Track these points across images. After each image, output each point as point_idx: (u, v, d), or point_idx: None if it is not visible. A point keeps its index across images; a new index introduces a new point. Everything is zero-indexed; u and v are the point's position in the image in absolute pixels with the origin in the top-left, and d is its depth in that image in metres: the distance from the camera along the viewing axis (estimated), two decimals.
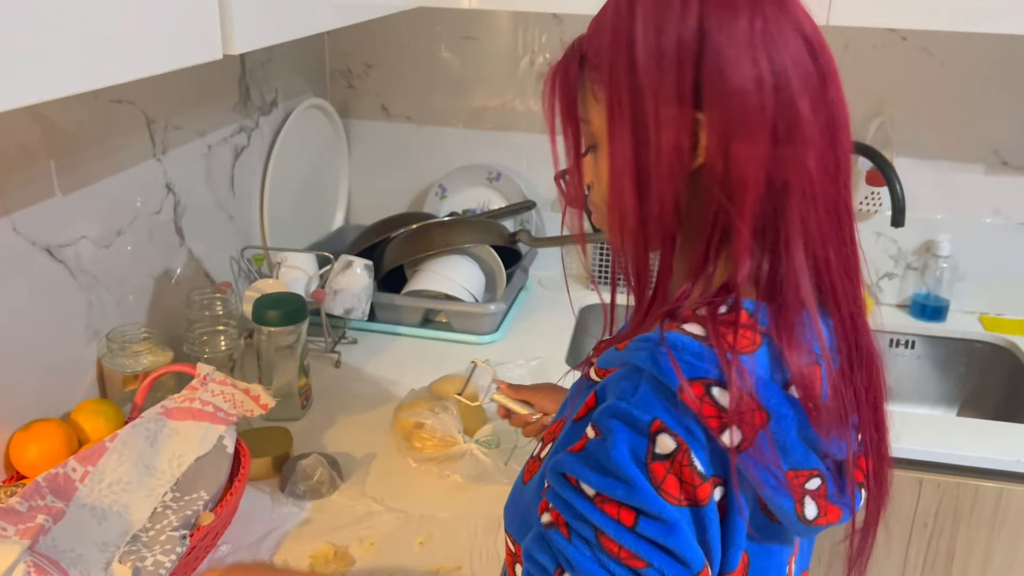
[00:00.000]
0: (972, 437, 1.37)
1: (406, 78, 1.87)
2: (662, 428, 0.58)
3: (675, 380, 0.59)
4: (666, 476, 0.58)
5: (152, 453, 1.05)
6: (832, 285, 0.64)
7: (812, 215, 0.62)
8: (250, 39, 0.86)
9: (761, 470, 0.59)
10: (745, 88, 0.60)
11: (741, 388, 0.58)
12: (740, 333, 0.61)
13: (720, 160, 0.61)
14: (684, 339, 0.61)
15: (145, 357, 1.19)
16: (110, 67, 0.69)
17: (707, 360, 0.59)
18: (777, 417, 0.59)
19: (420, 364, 1.50)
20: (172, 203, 1.34)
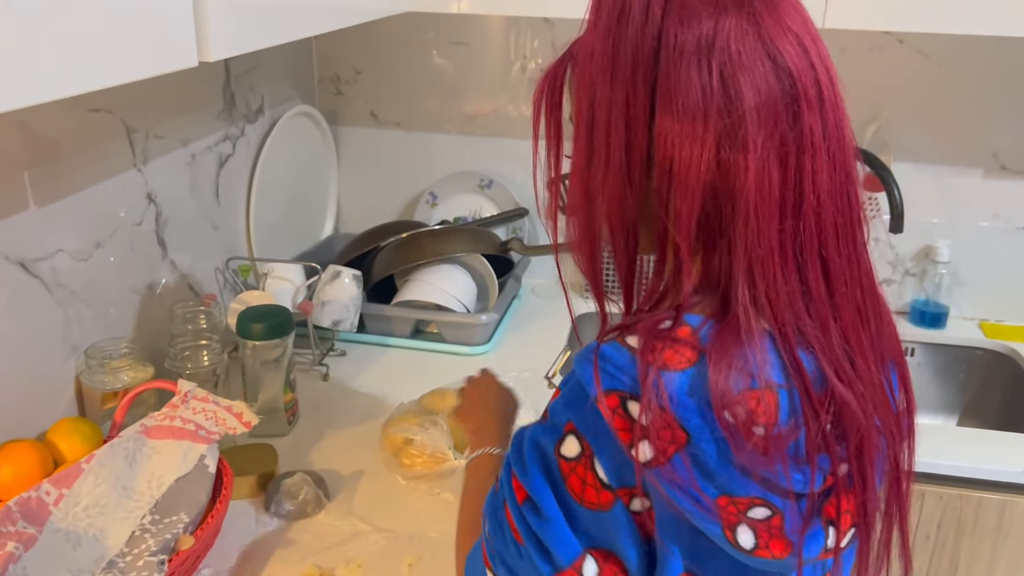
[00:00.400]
0: (975, 448, 1.34)
1: (396, 84, 1.84)
2: (572, 431, 0.61)
3: (592, 390, 0.59)
4: (570, 475, 0.61)
5: (130, 474, 1.02)
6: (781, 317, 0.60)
7: (759, 239, 0.59)
8: (227, 46, 0.83)
9: (676, 491, 0.57)
10: (693, 102, 0.58)
11: (654, 403, 0.56)
12: (675, 349, 0.58)
13: (665, 177, 0.60)
14: (615, 350, 0.60)
15: (125, 373, 1.16)
16: (82, 75, 0.66)
17: (626, 373, 0.59)
18: (698, 439, 0.57)
19: (411, 376, 1.47)
20: (154, 214, 1.30)
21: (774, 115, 0.58)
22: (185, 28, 0.78)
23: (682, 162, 0.59)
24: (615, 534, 0.61)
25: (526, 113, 1.82)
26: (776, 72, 0.59)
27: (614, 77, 0.60)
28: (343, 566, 1.02)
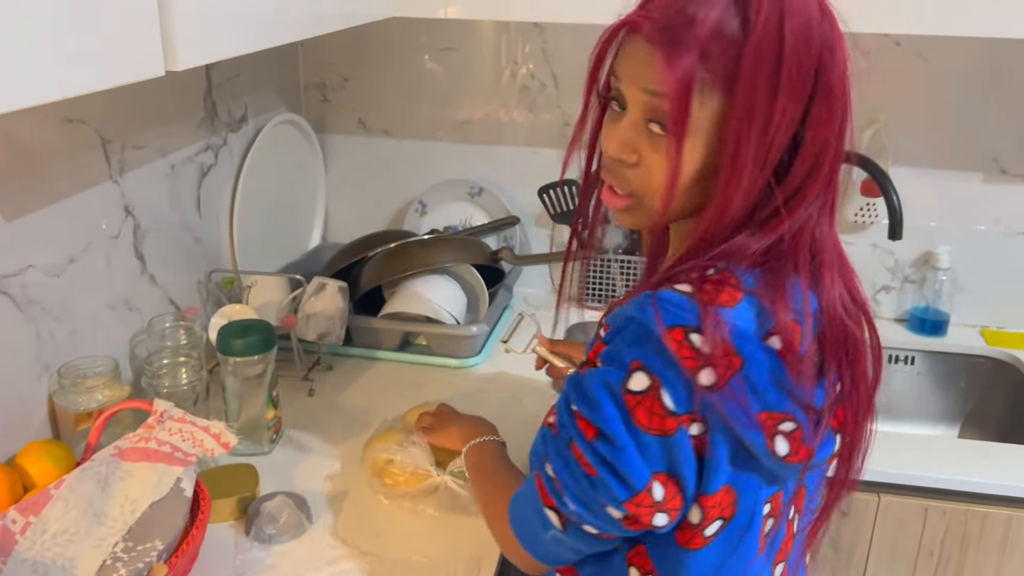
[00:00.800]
0: (979, 461, 1.31)
1: (384, 91, 1.81)
2: (640, 367, 0.68)
3: (655, 327, 0.68)
4: (637, 407, 0.68)
5: (102, 499, 0.98)
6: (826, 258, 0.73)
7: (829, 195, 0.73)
8: (195, 55, 0.79)
9: (733, 408, 0.67)
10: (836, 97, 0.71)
11: (715, 334, 0.66)
12: (725, 290, 0.69)
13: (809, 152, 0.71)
14: (671, 294, 0.69)
15: (100, 392, 1.12)
16: (43, 84, 0.63)
17: (686, 310, 0.68)
18: (750, 363, 0.67)
19: (399, 389, 1.43)
20: (132, 226, 1.26)
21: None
22: (151, 36, 0.75)
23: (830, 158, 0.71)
24: (676, 457, 0.69)
25: (517, 119, 1.78)
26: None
27: (801, 72, 0.68)
28: None
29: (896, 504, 1.31)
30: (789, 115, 0.68)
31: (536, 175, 1.77)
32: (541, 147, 1.80)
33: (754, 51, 0.66)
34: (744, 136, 0.67)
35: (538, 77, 1.75)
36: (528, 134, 1.79)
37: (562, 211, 1.74)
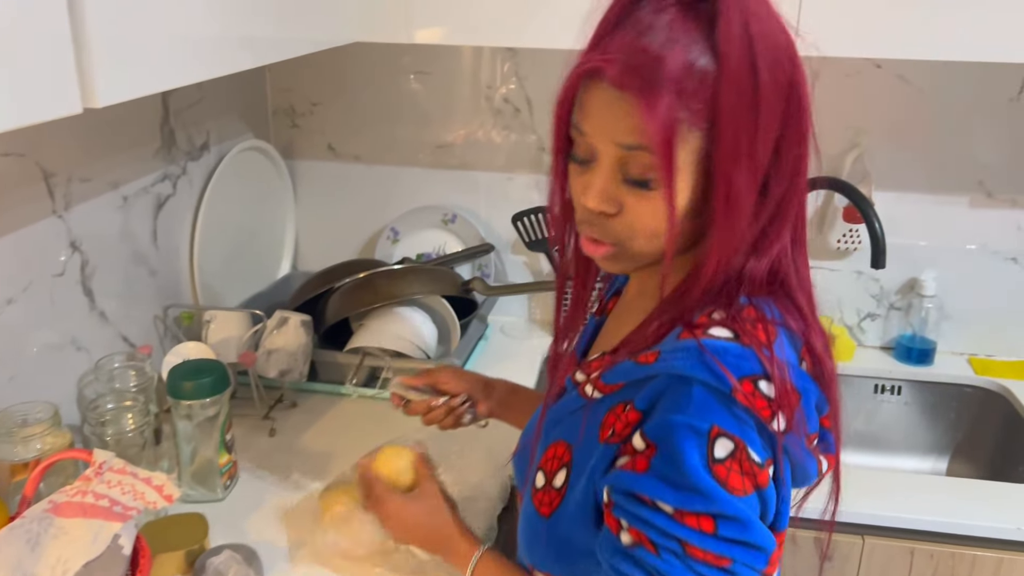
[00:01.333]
0: (967, 501, 1.25)
1: (354, 116, 1.76)
2: (720, 433, 0.65)
3: (728, 382, 0.65)
4: (729, 474, 0.65)
5: (32, 559, 0.91)
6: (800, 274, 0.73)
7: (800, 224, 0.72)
8: (117, 90, 0.73)
9: (795, 441, 0.67)
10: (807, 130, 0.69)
11: (781, 378, 0.65)
12: (763, 327, 0.67)
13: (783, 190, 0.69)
14: (721, 344, 0.67)
15: (39, 441, 1.06)
16: None
17: (748, 359, 0.66)
18: (805, 395, 0.68)
19: (366, 427, 1.37)
20: (79, 263, 1.21)
21: None
22: (66, 73, 0.69)
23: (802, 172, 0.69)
24: (768, 504, 0.68)
25: (491, 144, 1.73)
26: None
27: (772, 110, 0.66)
28: None
29: (881, 547, 1.25)
30: (771, 138, 0.66)
31: (511, 201, 1.73)
32: (516, 172, 1.75)
33: (730, 82, 0.63)
34: (734, 169, 0.65)
35: (512, 101, 1.70)
36: (503, 159, 1.74)
37: (537, 238, 1.69)
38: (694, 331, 0.68)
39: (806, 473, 0.72)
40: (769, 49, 0.65)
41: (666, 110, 0.63)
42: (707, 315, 0.69)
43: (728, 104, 0.64)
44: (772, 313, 0.69)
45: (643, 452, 0.67)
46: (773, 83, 0.65)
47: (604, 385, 0.73)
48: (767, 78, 0.64)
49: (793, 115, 0.67)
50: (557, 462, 0.76)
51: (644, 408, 0.69)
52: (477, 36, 1.38)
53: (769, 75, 0.64)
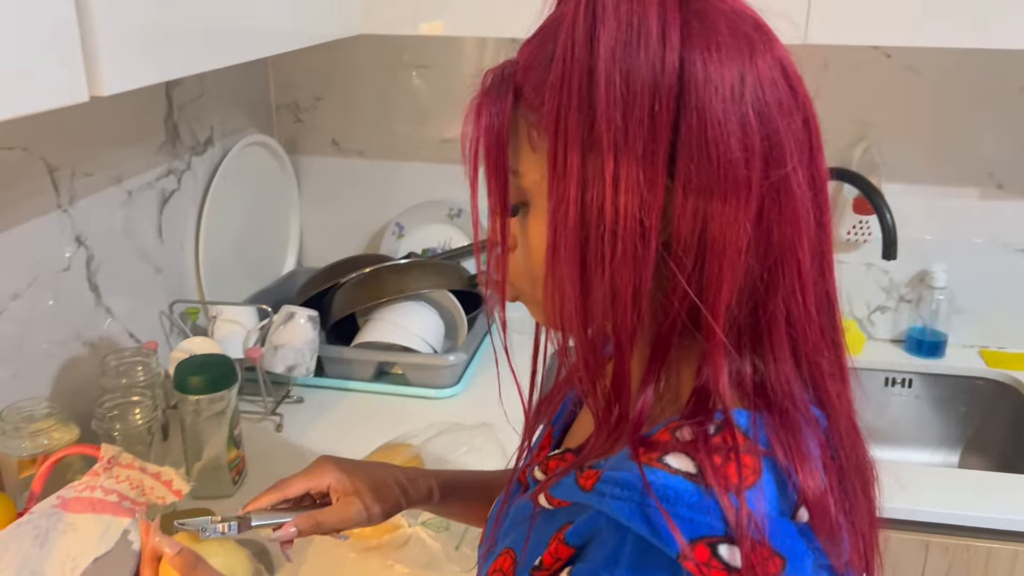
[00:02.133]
0: (981, 494, 1.24)
1: (358, 111, 1.75)
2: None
3: (674, 546, 0.47)
4: None
5: (40, 556, 0.90)
6: (825, 389, 0.54)
7: (800, 311, 0.52)
8: (123, 79, 0.73)
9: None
10: (732, 157, 0.48)
11: (754, 541, 0.47)
12: (737, 461, 0.48)
13: (692, 242, 0.49)
14: (674, 484, 0.48)
15: (46, 437, 1.05)
16: None
17: (708, 512, 0.48)
18: (793, 559, 0.48)
19: (373, 422, 1.36)
20: (84, 258, 1.20)
21: (808, 169, 0.51)
22: (73, 60, 0.68)
23: (720, 229, 0.49)
24: None
25: None
26: (803, 117, 0.51)
27: (627, 116, 0.48)
28: None
29: (895, 540, 1.24)
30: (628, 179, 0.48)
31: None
32: None
33: (556, 77, 0.50)
34: (560, 197, 0.50)
35: None
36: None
37: None
38: (645, 454, 0.50)
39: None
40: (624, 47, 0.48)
41: (489, 115, 0.54)
42: (670, 430, 0.51)
43: (551, 103, 0.50)
44: (755, 436, 0.51)
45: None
46: (624, 91, 0.48)
47: (551, 498, 0.58)
48: (610, 81, 0.48)
49: (690, 147, 0.48)
50: (499, 573, 0.63)
51: (577, 544, 0.54)
52: (481, 27, 1.37)
53: (615, 78, 0.48)
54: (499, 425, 1.28)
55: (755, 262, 0.50)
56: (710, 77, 0.48)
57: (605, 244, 0.49)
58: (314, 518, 0.81)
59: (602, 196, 0.48)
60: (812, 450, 0.51)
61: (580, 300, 0.51)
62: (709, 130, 0.47)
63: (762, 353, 0.52)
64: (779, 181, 0.49)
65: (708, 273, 0.49)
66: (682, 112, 0.47)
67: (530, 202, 0.55)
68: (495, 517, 0.72)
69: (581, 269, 0.50)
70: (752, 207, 0.49)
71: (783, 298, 0.51)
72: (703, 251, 0.49)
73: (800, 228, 0.51)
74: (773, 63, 0.50)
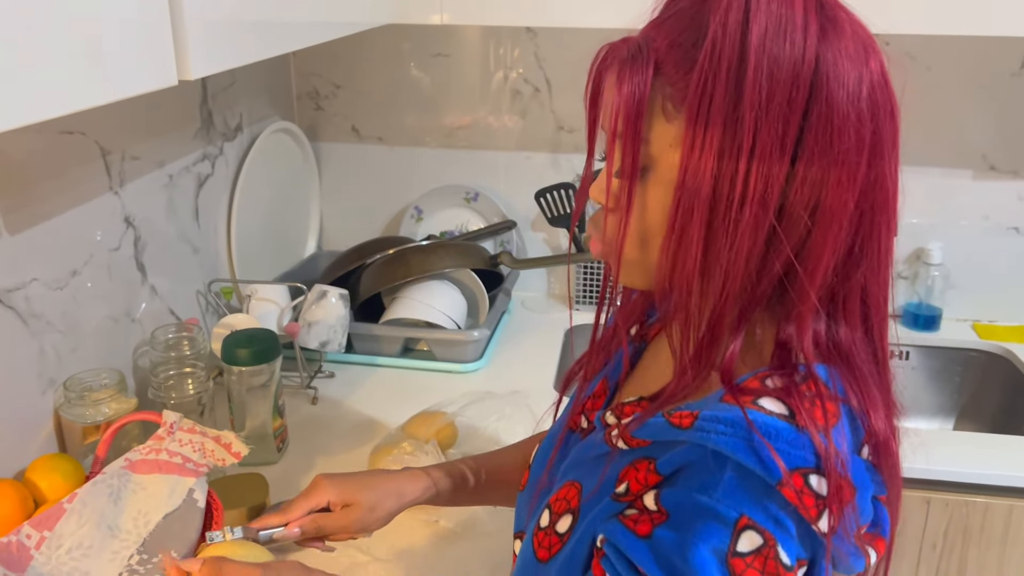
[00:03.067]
0: (979, 453, 1.32)
1: (376, 98, 1.81)
2: (749, 524, 0.55)
3: (778, 473, 0.55)
4: (746, 570, 0.55)
5: (115, 512, 0.97)
6: (884, 354, 0.63)
7: (876, 287, 0.61)
8: (207, 64, 0.79)
9: (842, 542, 0.57)
10: (848, 149, 0.56)
11: (839, 475, 0.55)
12: (821, 406, 0.57)
13: (803, 214, 0.57)
14: (775, 423, 0.56)
15: (107, 405, 1.11)
16: (58, 96, 0.62)
17: (803, 447, 0.56)
18: (861, 489, 0.57)
19: (401, 396, 1.43)
20: (132, 238, 1.26)
21: (895, 161, 0.60)
22: (164, 46, 0.74)
23: (830, 205, 0.56)
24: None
25: (509, 124, 1.79)
26: (892, 111, 0.59)
27: (770, 99, 0.54)
28: None
29: None
30: (761, 159, 0.55)
31: (531, 179, 1.78)
32: (535, 151, 1.80)
33: (706, 57, 0.55)
34: (696, 168, 0.55)
35: (531, 81, 1.75)
36: (521, 138, 1.80)
37: (559, 214, 1.75)
38: (740, 397, 0.57)
39: (849, 568, 0.62)
40: (773, 33, 0.54)
41: (637, 81, 0.57)
42: (759, 379, 0.59)
43: (697, 81, 0.55)
44: (834, 387, 0.58)
45: (651, 514, 0.59)
46: (769, 73, 0.54)
47: (631, 439, 0.63)
48: (759, 63, 0.54)
49: (818, 126, 0.55)
50: (565, 504, 0.68)
51: (667, 473, 0.60)
52: (503, 16, 1.43)
53: (764, 61, 0.54)
54: (528, 393, 1.36)
55: (849, 237, 0.58)
56: (839, 74, 0.55)
57: (733, 209, 0.56)
58: (317, 521, 0.89)
59: (735, 170, 0.55)
60: (878, 398, 0.60)
61: (702, 259, 0.57)
62: (835, 119, 0.55)
63: (838, 317, 0.60)
64: (878, 172, 0.58)
65: (813, 242, 0.57)
66: (813, 101, 0.55)
67: (651, 167, 0.59)
68: (541, 463, 0.79)
69: (706, 232, 0.57)
70: (856, 190, 0.57)
71: (864, 273, 0.60)
72: (812, 223, 0.57)
73: (888, 215, 0.59)
74: (880, 69, 0.58)
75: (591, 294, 1.82)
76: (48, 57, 0.61)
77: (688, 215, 0.57)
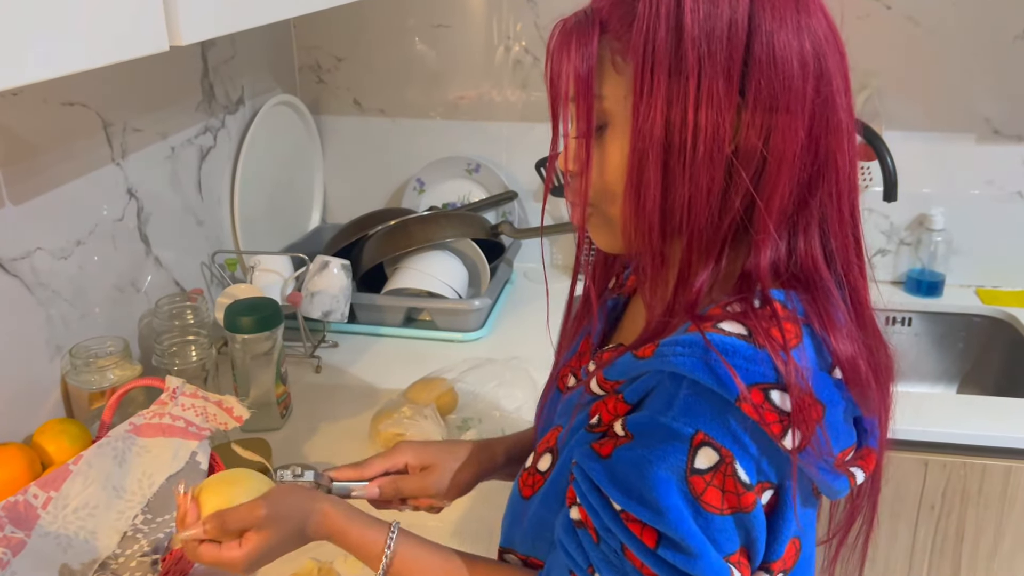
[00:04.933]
0: (977, 415, 1.33)
1: (378, 71, 1.81)
2: (705, 441, 0.57)
3: (734, 389, 0.56)
4: (706, 488, 0.57)
5: (120, 474, 0.99)
6: (850, 279, 0.63)
7: (833, 211, 0.62)
8: (199, 29, 0.80)
9: (814, 461, 0.58)
10: (792, 74, 0.57)
11: (799, 388, 0.56)
12: (782, 326, 0.58)
13: (757, 149, 0.58)
14: (732, 341, 0.57)
15: (112, 372, 1.13)
16: (43, 61, 0.63)
17: (761, 363, 0.57)
18: (831, 406, 0.58)
19: (404, 365, 1.44)
20: (135, 209, 1.28)
21: (846, 94, 0.61)
22: (154, 10, 0.75)
23: (780, 136, 0.58)
24: (750, 532, 0.60)
25: (511, 97, 1.79)
26: (839, 50, 0.61)
27: (709, 41, 0.56)
28: (342, 559, 0.99)
29: (896, 459, 1.33)
30: (709, 95, 0.57)
31: (532, 150, 1.79)
32: (536, 122, 1.81)
33: (645, 6, 0.57)
34: (647, 113, 0.57)
35: (531, 52, 1.75)
36: (523, 109, 1.80)
37: (560, 184, 1.76)
38: (701, 324, 0.59)
39: (832, 491, 0.63)
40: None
41: (579, 45, 0.60)
42: (721, 307, 0.60)
43: (639, 31, 0.57)
44: (793, 310, 0.60)
45: (616, 439, 0.61)
46: (707, 20, 0.56)
47: (605, 381, 0.65)
48: (695, 10, 0.57)
49: (759, 71, 0.57)
50: (545, 445, 0.72)
51: (634, 402, 0.62)
52: None
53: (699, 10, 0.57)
54: (528, 359, 1.37)
55: (804, 166, 0.59)
56: (776, 17, 0.57)
57: (687, 151, 0.57)
58: (395, 483, 0.87)
59: (684, 109, 0.57)
60: (841, 320, 0.60)
61: (661, 202, 0.59)
62: (776, 51, 0.57)
63: (797, 244, 0.61)
64: (827, 98, 0.59)
65: (768, 173, 0.59)
66: (753, 37, 0.57)
67: (609, 123, 0.61)
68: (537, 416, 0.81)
69: (663, 173, 0.58)
70: (806, 119, 0.58)
71: (821, 198, 0.61)
72: (765, 153, 0.58)
73: (841, 140, 0.60)
74: (822, 13, 0.60)
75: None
76: (35, 21, 0.62)
77: (644, 158, 0.58)
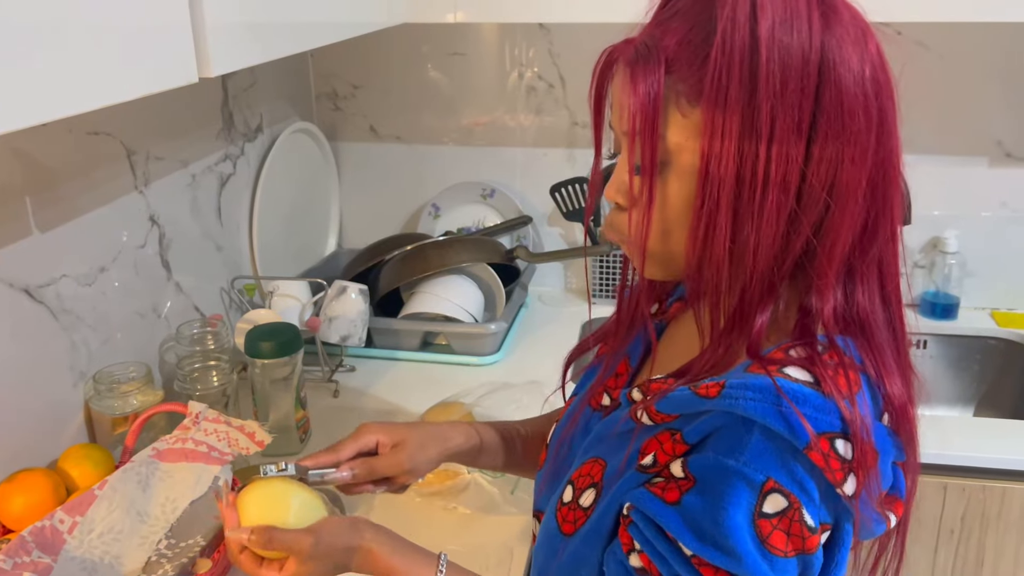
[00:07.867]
0: (996, 438, 1.33)
1: (393, 98, 1.84)
2: (775, 488, 0.58)
3: (805, 437, 0.57)
4: (772, 531, 0.58)
5: (144, 499, 1.00)
6: (900, 322, 0.66)
7: (890, 257, 0.64)
8: (227, 61, 0.82)
9: (866, 505, 0.60)
10: (859, 129, 0.59)
11: (863, 439, 0.58)
12: (844, 374, 0.59)
13: (821, 193, 0.59)
14: (802, 389, 0.59)
15: (135, 397, 1.15)
16: (80, 94, 0.65)
17: (830, 412, 0.58)
18: (883, 455, 0.60)
19: (421, 389, 1.45)
20: (157, 236, 1.29)
21: (898, 138, 0.63)
22: (184, 44, 0.77)
23: (845, 183, 0.59)
24: (811, 569, 0.61)
25: (524, 122, 1.81)
26: (893, 99, 0.63)
27: (783, 87, 0.57)
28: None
29: None
30: (780, 145, 0.58)
31: (546, 175, 1.80)
32: (550, 147, 1.82)
33: (718, 51, 0.58)
34: (718, 159, 0.58)
35: (545, 78, 1.77)
36: (537, 135, 1.82)
37: (574, 209, 1.77)
38: (767, 367, 0.60)
39: (869, 531, 0.65)
40: (781, 25, 0.58)
41: (651, 80, 0.60)
42: (783, 350, 0.61)
43: (712, 74, 0.58)
44: (852, 356, 0.61)
45: (678, 481, 0.62)
46: (781, 62, 0.57)
47: (656, 413, 0.66)
48: (770, 54, 0.57)
49: (829, 111, 0.58)
50: (588, 480, 0.71)
51: (694, 442, 0.62)
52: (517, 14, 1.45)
53: (774, 52, 0.57)
54: (545, 383, 1.38)
55: (865, 213, 0.61)
56: (844, 58, 0.58)
57: (757, 193, 0.59)
58: (368, 463, 0.88)
59: (756, 152, 0.58)
60: (892, 365, 0.63)
61: (731, 243, 0.60)
62: (845, 100, 0.58)
63: (855, 288, 0.63)
64: (886, 147, 0.61)
65: (831, 219, 0.60)
66: (823, 85, 0.58)
67: (670, 163, 0.62)
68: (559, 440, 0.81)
69: (734, 215, 0.60)
70: (868, 168, 0.60)
71: (879, 246, 0.63)
72: (829, 200, 0.60)
73: (896, 190, 0.62)
74: (878, 51, 0.61)
75: (608, 287, 1.84)
76: (72, 56, 0.64)
77: (715, 202, 0.60)
